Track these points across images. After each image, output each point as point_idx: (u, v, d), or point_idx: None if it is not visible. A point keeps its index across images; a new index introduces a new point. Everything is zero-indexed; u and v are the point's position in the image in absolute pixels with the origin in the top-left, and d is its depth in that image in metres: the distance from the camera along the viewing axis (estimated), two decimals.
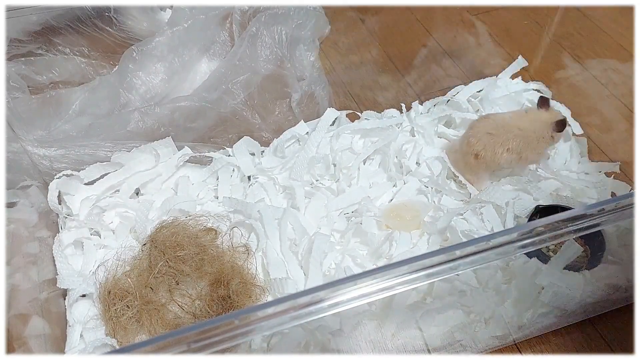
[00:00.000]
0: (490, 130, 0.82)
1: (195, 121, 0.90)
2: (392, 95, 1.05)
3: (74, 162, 0.85)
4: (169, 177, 0.89)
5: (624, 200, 0.48)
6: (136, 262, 0.76)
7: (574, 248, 0.67)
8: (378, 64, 1.10)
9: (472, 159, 0.83)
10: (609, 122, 0.95)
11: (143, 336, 0.71)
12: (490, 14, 1.16)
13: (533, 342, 0.72)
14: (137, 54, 0.88)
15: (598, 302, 0.72)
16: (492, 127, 0.83)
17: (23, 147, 0.81)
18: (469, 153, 0.83)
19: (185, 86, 0.94)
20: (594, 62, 0.99)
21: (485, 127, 0.83)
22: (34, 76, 0.91)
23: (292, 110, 0.97)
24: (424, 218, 0.83)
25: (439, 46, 1.11)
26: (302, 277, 0.76)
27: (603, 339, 0.73)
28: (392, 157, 0.90)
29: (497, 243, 0.46)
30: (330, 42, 1.11)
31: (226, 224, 0.82)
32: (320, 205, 0.84)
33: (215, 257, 0.76)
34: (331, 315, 0.44)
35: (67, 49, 0.92)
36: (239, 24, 0.95)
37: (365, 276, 0.44)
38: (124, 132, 0.86)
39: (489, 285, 0.69)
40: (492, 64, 1.08)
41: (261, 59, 0.91)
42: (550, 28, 1.04)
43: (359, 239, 0.81)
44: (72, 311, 0.74)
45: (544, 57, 1.06)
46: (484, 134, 0.82)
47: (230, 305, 0.71)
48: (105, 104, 0.88)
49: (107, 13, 0.89)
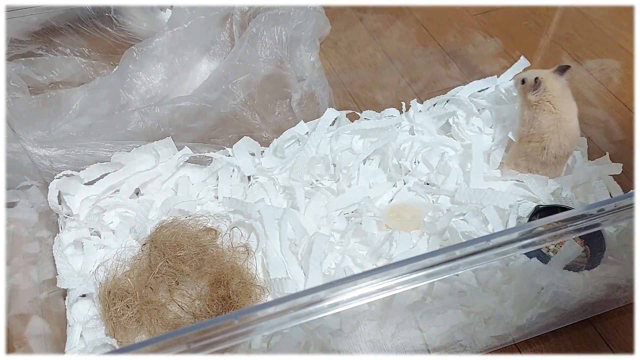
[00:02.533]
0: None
1: (195, 121, 0.90)
2: (391, 95, 1.05)
3: (74, 162, 0.85)
4: (169, 177, 0.89)
5: (623, 201, 0.48)
6: (136, 262, 0.76)
7: (574, 248, 0.67)
8: (378, 64, 1.10)
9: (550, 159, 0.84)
10: (608, 122, 0.95)
11: (143, 336, 0.71)
12: (490, 14, 1.16)
13: (533, 342, 0.72)
14: (137, 54, 0.88)
15: (598, 302, 0.72)
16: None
17: (23, 147, 0.81)
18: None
19: (185, 86, 0.94)
20: (594, 62, 0.99)
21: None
22: (34, 76, 0.91)
23: (292, 110, 0.97)
24: (424, 218, 0.83)
25: (438, 46, 1.11)
26: (302, 277, 0.76)
27: (603, 339, 0.73)
28: (391, 157, 0.90)
29: (497, 243, 0.46)
30: (330, 42, 1.11)
31: (226, 224, 0.82)
32: (320, 205, 0.84)
33: (215, 257, 0.76)
34: (331, 315, 0.44)
35: (67, 49, 0.92)
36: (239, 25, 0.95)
37: (365, 276, 0.44)
38: (124, 132, 0.86)
39: (489, 285, 0.69)
40: (492, 64, 1.08)
41: (261, 59, 0.92)
42: (550, 28, 1.04)
43: (359, 239, 0.81)
44: (72, 311, 0.74)
45: (543, 57, 1.06)
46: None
47: (230, 305, 0.71)
48: (105, 104, 0.88)
49: (107, 13, 0.89)
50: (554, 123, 0.82)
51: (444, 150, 0.92)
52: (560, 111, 0.82)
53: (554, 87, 0.82)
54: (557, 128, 0.82)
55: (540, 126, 0.82)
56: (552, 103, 0.82)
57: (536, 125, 0.83)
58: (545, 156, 0.83)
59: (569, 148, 0.83)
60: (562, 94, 0.83)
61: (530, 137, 0.84)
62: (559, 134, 0.82)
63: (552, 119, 0.82)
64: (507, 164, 0.88)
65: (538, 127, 0.83)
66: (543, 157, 0.83)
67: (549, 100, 0.82)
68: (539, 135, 0.83)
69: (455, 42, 1.12)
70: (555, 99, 0.82)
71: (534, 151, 0.84)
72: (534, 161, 0.85)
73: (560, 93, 0.82)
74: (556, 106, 0.82)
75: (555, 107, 0.82)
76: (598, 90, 0.97)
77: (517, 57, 1.04)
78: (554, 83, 0.83)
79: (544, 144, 0.83)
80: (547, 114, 0.82)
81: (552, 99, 0.82)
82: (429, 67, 1.09)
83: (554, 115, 0.82)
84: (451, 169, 0.88)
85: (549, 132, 0.82)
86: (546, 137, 0.82)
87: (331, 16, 1.05)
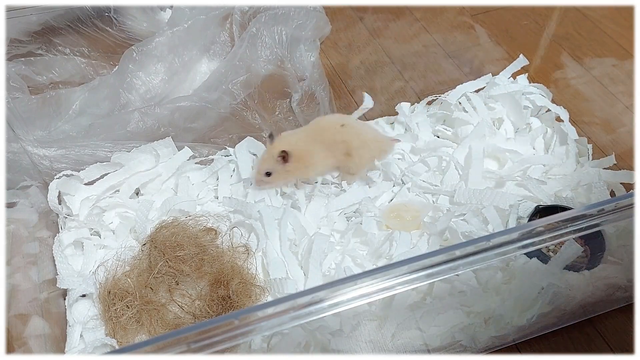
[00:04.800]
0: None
1: (195, 121, 0.90)
2: (391, 95, 1.05)
3: (74, 162, 0.85)
4: (169, 177, 0.89)
5: (623, 201, 0.48)
6: (136, 262, 0.76)
7: (574, 248, 0.66)
8: (378, 64, 1.10)
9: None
10: (608, 122, 0.95)
11: (143, 336, 0.71)
12: (490, 14, 1.16)
13: (533, 342, 0.72)
14: (137, 54, 0.88)
15: (598, 302, 0.73)
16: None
17: (23, 147, 0.81)
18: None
19: (185, 86, 0.94)
20: (594, 62, 0.99)
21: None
22: (34, 76, 0.91)
23: (292, 110, 0.97)
24: (424, 218, 0.83)
25: (438, 46, 1.11)
26: (302, 277, 0.76)
27: (603, 339, 0.73)
28: (391, 157, 0.90)
29: (497, 243, 0.46)
30: (331, 42, 1.11)
31: (226, 224, 0.82)
32: (320, 205, 0.84)
33: (215, 257, 0.76)
34: (331, 315, 0.44)
35: (67, 49, 0.92)
36: (239, 24, 0.95)
37: (365, 276, 0.44)
38: (124, 132, 0.86)
39: (489, 285, 0.69)
40: (492, 63, 1.08)
41: (261, 59, 0.92)
42: (550, 28, 1.04)
43: (359, 239, 0.81)
44: (72, 311, 0.74)
45: (543, 57, 1.06)
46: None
47: (230, 305, 0.71)
48: (105, 104, 0.88)
49: (107, 13, 0.89)
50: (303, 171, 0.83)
51: (443, 150, 0.92)
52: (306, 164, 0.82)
53: (288, 145, 0.81)
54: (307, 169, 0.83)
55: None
56: (301, 157, 0.82)
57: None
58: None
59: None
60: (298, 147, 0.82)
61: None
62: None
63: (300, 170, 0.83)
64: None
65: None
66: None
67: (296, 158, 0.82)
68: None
69: (455, 42, 1.12)
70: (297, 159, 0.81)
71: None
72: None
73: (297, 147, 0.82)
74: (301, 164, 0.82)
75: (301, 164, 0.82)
76: (598, 90, 0.97)
77: (517, 57, 1.04)
78: (284, 144, 0.81)
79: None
80: (303, 164, 0.83)
81: (297, 155, 0.81)
82: (429, 68, 1.09)
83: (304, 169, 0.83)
84: (450, 169, 0.88)
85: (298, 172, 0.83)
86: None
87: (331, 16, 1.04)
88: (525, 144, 0.94)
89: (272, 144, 0.82)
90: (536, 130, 0.96)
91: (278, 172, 0.82)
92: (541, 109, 0.99)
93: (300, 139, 0.83)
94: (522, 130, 0.96)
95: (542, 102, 0.98)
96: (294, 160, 0.81)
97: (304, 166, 0.83)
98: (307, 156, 0.82)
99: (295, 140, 0.82)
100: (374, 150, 0.84)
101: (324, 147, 0.82)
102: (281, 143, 0.82)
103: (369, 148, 0.83)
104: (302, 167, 0.83)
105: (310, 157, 0.82)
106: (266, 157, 0.82)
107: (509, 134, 0.96)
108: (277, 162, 0.81)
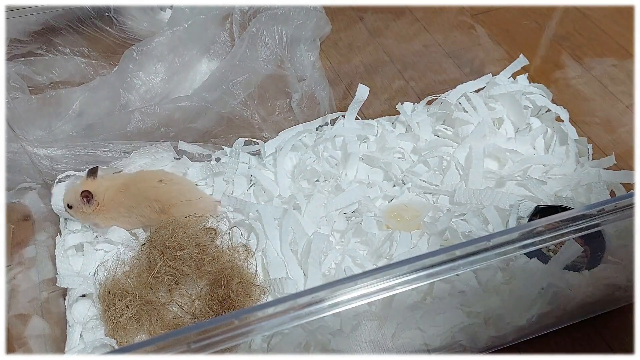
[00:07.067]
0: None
1: (195, 121, 0.90)
2: (391, 95, 1.05)
3: (74, 162, 0.85)
4: None
5: (623, 201, 0.48)
6: (136, 262, 0.76)
7: (574, 248, 0.66)
8: (378, 64, 1.10)
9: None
10: (609, 122, 0.95)
11: (143, 336, 0.71)
12: (490, 14, 1.16)
13: (533, 342, 0.72)
14: (137, 54, 0.88)
15: (598, 302, 0.72)
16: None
17: (23, 147, 0.81)
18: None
19: (185, 86, 0.94)
20: (594, 62, 0.99)
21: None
22: (34, 76, 0.91)
23: (292, 110, 0.97)
24: (424, 218, 0.83)
25: (439, 46, 1.11)
26: (302, 277, 0.76)
27: (603, 339, 0.73)
28: (391, 157, 0.90)
29: (497, 243, 0.46)
30: (331, 42, 1.11)
31: (226, 223, 0.82)
32: (319, 205, 0.84)
33: (215, 257, 0.76)
34: (331, 315, 0.44)
35: (67, 49, 0.92)
36: (239, 24, 0.95)
37: (365, 276, 0.44)
38: (124, 132, 0.86)
39: (489, 285, 0.69)
40: (492, 63, 1.08)
41: (261, 59, 0.92)
42: (550, 28, 1.04)
43: (359, 239, 0.81)
44: (72, 311, 0.74)
45: (543, 57, 1.05)
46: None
47: (230, 305, 0.71)
48: (105, 104, 0.88)
49: (107, 13, 0.89)
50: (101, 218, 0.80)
51: (444, 150, 0.92)
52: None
53: (99, 188, 0.80)
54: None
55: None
56: (105, 204, 0.79)
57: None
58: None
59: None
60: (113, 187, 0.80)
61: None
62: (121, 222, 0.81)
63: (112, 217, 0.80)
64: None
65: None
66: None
67: (99, 204, 0.79)
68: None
69: (455, 41, 1.12)
70: (106, 199, 0.79)
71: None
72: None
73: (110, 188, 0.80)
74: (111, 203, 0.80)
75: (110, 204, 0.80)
76: (598, 90, 0.97)
77: (517, 57, 1.04)
78: (96, 185, 0.80)
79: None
80: (106, 212, 0.80)
81: (102, 201, 0.79)
82: (429, 67, 1.09)
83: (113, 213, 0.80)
84: (450, 169, 0.88)
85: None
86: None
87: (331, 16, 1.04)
88: (526, 144, 0.94)
89: (85, 180, 0.80)
90: (536, 130, 0.95)
91: (77, 210, 0.79)
92: (541, 109, 0.99)
93: (115, 186, 0.80)
94: (522, 130, 0.96)
95: (542, 102, 0.98)
96: (95, 205, 0.78)
97: (104, 215, 0.79)
98: (111, 207, 0.79)
99: (109, 185, 0.80)
100: (195, 210, 0.80)
101: (134, 202, 0.79)
102: (93, 183, 0.79)
103: (190, 207, 0.79)
104: (102, 215, 0.79)
105: (114, 209, 0.79)
106: (74, 189, 0.80)
107: (509, 134, 0.96)
108: (79, 200, 0.78)
